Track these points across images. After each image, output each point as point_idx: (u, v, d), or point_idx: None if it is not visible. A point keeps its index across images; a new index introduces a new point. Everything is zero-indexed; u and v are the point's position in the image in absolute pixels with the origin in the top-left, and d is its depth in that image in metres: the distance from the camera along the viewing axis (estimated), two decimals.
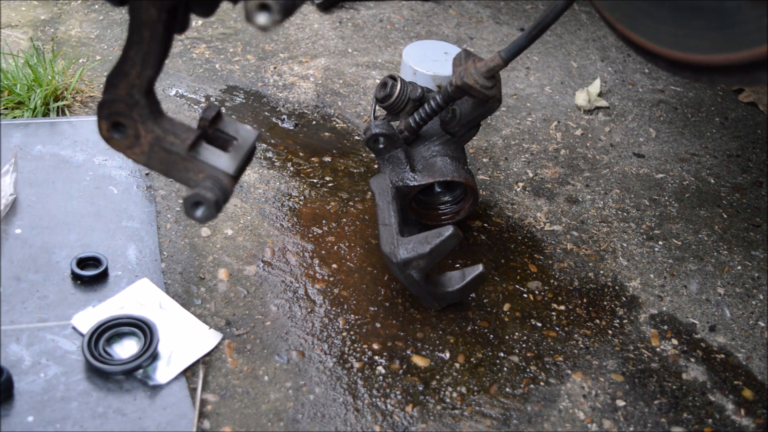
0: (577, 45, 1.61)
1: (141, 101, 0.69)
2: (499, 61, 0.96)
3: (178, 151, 0.71)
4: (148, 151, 0.71)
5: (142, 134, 0.70)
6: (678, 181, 1.28)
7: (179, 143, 0.71)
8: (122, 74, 0.68)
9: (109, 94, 0.69)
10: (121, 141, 0.71)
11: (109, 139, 0.71)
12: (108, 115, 0.69)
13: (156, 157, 0.71)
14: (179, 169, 0.72)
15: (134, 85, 0.68)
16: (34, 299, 0.90)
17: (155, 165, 0.72)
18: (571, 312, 1.02)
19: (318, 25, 1.56)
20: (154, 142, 0.70)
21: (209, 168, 0.72)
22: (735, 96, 1.52)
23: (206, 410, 0.82)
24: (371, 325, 0.95)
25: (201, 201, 0.71)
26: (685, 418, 0.90)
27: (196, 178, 0.72)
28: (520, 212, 1.17)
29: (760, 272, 1.12)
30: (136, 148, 0.71)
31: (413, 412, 0.86)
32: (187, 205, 0.71)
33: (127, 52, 0.67)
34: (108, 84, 0.69)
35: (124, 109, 0.69)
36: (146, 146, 0.70)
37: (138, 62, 0.67)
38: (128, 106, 0.69)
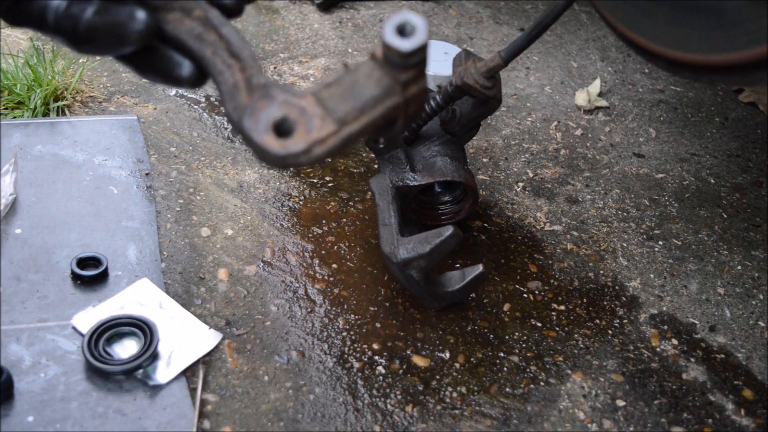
0: (577, 45, 1.61)
1: (267, 79, 0.54)
2: (499, 61, 0.96)
3: (341, 72, 0.53)
4: (325, 108, 0.51)
5: (302, 102, 0.51)
6: (678, 181, 1.28)
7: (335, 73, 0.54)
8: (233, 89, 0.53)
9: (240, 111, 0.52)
10: (299, 133, 0.50)
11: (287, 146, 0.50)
12: (266, 124, 0.51)
13: (336, 101, 0.51)
14: (362, 84, 0.52)
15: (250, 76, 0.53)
16: (34, 299, 0.90)
17: (346, 110, 0.51)
18: (571, 312, 1.02)
19: (318, 25, 1.56)
20: (318, 93, 0.52)
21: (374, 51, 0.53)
22: (735, 96, 1.52)
23: (206, 410, 0.82)
24: (371, 325, 0.95)
25: (402, 21, 0.50)
26: (685, 418, 0.90)
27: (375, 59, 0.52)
28: (520, 212, 1.17)
29: (760, 272, 1.12)
30: (314, 122, 0.50)
31: (413, 412, 0.86)
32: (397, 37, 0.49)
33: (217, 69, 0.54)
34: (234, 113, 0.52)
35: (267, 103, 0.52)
36: (318, 108, 0.51)
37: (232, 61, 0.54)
38: (266, 97, 0.52)
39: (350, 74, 0.52)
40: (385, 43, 0.50)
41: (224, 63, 0.54)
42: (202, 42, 0.55)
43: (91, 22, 0.51)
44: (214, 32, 0.55)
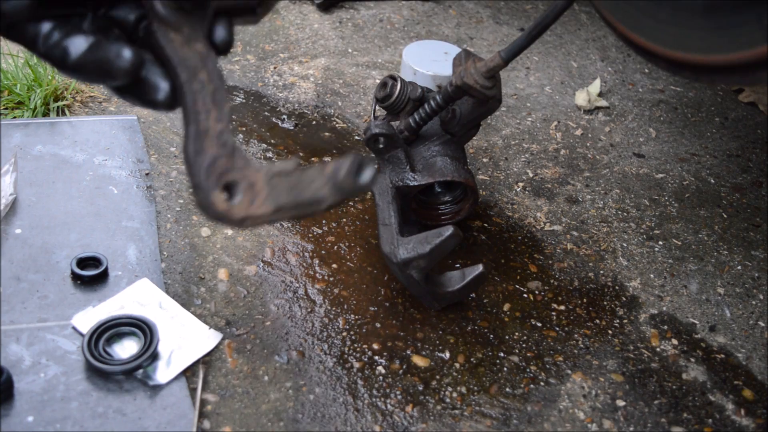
0: (577, 45, 1.61)
1: (234, 142, 0.59)
2: (499, 61, 0.96)
3: (295, 168, 0.61)
4: (270, 191, 0.59)
5: (254, 178, 0.58)
6: (678, 181, 1.28)
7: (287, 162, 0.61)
8: (202, 134, 0.58)
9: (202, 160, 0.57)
10: (242, 202, 0.58)
11: (229, 212, 0.58)
12: (217, 181, 0.57)
13: (280, 189, 0.60)
14: (306, 185, 0.61)
15: (222, 132, 0.58)
16: (34, 299, 0.90)
17: (283, 200, 0.60)
18: (571, 312, 1.02)
19: (318, 25, 1.56)
20: (269, 177, 0.59)
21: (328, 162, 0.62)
22: (735, 96, 1.52)
23: (206, 410, 0.82)
24: (371, 325, 0.95)
25: (362, 163, 0.59)
26: (685, 418, 0.90)
27: (327, 174, 0.61)
28: (520, 212, 1.17)
29: (760, 272, 1.12)
30: (257, 199, 0.58)
31: (413, 412, 0.86)
32: (353, 177, 0.59)
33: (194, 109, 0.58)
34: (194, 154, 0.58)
35: (227, 163, 0.58)
36: (265, 188, 0.59)
37: (211, 107, 0.58)
38: (228, 157, 0.58)
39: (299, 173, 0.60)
40: (337, 176, 0.59)
41: (204, 106, 0.58)
42: (192, 76, 0.58)
43: (80, 57, 0.54)
44: (206, 72, 0.58)
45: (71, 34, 0.54)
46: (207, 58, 0.58)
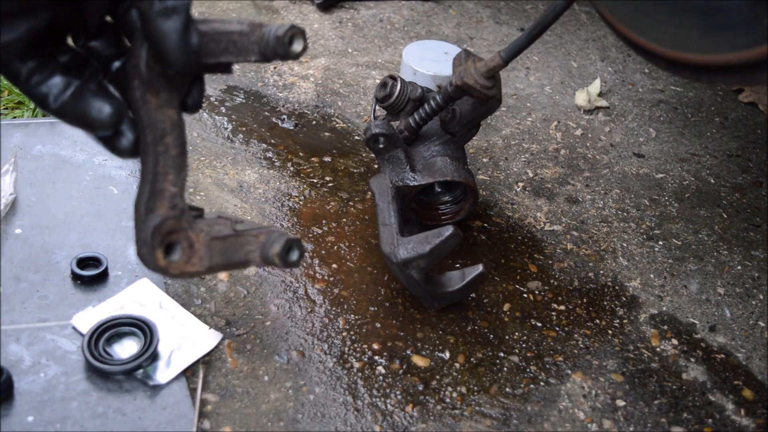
0: (577, 45, 1.61)
1: (185, 206, 0.63)
2: (499, 61, 0.96)
3: (231, 234, 0.67)
4: (206, 252, 0.65)
5: (194, 239, 0.64)
6: (678, 181, 1.28)
7: (225, 227, 0.67)
8: (156, 194, 0.61)
9: (150, 220, 0.61)
10: (179, 260, 0.64)
11: (167, 268, 0.63)
12: (161, 241, 0.62)
13: (215, 251, 0.66)
14: (238, 249, 0.68)
15: (175, 195, 0.62)
16: (34, 299, 0.90)
17: (216, 261, 0.66)
18: (571, 312, 1.02)
19: (318, 25, 1.56)
20: (208, 240, 0.65)
21: (262, 228, 0.69)
22: (735, 96, 1.52)
23: (206, 410, 0.82)
24: (371, 325, 0.95)
25: (292, 244, 0.68)
26: (685, 418, 0.90)
27: (260, 242, 0.69)
28: (520, 212, 1.17)
29: (760, 272, 1.12)
30: (193, 258, 0.64)
31: (413, 412, 0.86)
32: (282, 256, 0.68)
33: (153, 170, 0.61)
34: (145, 211, 0.61)
35: (174, 224, 0.63)
36: (203, 249, 0.64)
37: (170, 170, 0.61)
38: (176, 219, 0.62)
39: (234, 238, 0.68)
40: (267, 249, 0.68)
41: (164, 168, 0.62)
42: (158, 139, 0.61)
43: (60, 106, 0.56)
44: (173, 138, 0.61)
45: (52, 76, 0.56)
46: (177, 124, 0.61)
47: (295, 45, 0.58)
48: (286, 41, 0.57)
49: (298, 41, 0.58)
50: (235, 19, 0.60)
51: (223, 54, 0.59)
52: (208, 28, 0.58)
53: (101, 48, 0.59)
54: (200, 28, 0.58)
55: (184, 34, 0.55)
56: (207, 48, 0.58)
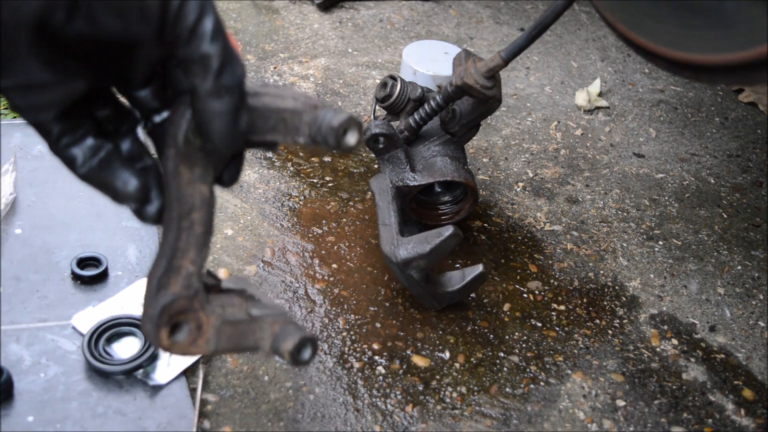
0: (577, 45, 1.61)
1: (200, 288, 0.60)
2: (499, 61, 0.96)
3: (244, 319, 0.63)
4: (214, 335, 0.61)
5: (204, 322, 0.60)
6: (678, 181, 1.28)
7: (239, 310, 0.63)
8: (173, 270, 0.58)
9: (162, 297, 0.58)
10: (184, 342, 0.60)
11: (169, 348, 0.60)
12: (168, 320, 0.59)
13: (224, 335, 0.62)
14: (249, 335, 0.64)
15: (191, 275, 0.59)
16: (34, 299, 0.90)
17: (223, 345, 0.63)
18: (571, 312, 1.02)
19: (318, 25, 1.56)
20: (219, 324, 0.62)
21: (278, 316, 0.65)
22: (735, 96, 1.52)
23: (206, 410, 0.82)
24: (371, 325, 0.95)
25: (305, 343, 0.64)
26: (685, 418, 0.90)
27: (273, 332, 0.65)
28: (520, 212, 1.17)
29: (760, 272, 1.12)
30: (199, 340, 0.61)
31: (413, 412, 0.86)
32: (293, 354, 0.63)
33: (174, 245, 0.58)
34: (157, 287, 0.58)
35: (185, 305, 0.59)
36: (211, 332, 0.61)
37: (192, 248, 0.58)
38: (188, 300, 0.59)
39: (247, 324, 0.64)
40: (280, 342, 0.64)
41: (185, 245, 0.58)
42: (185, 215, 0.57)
43: (88, 172, 0.54)
44: (200, 215, 0.58)
45: (83, 139, 0.53)
46: (207, 202, 0.57)
47: (348, 137, 0.54)
48: (341, 133, 0.53)
49: (353, 134, 0.54)
50: (290, 93, 0.55)
51: (271, 132, 0.55)
52: (259, 104, 0.54)
53: (145, 100, 0.55)
54: (251, 103, 0.54)
55: (234, 117, 0.51)
56: (255, 125, 0.54)
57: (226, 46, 0.49)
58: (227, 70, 0.49)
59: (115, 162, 0.54)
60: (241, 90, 0.51)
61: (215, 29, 0.48)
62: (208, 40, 0.48)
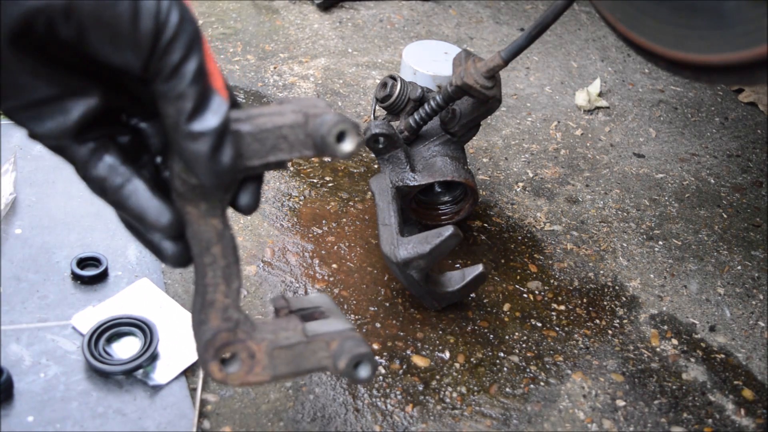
0: (577, 45, 1.61)
1: (240, 317, 0.60)
2: (499, 61, 0.96)
3: (299, 341, 0.62)
4: (269, 361, 0.61)
5: (255, 349, 0.60)
6: (678, 181, 1.28)
7: (294, 333, 0.63)
8: (208, 306, 0.58)
9: (203, 333, 0.58)
10: (238, 372, 0.60)
11: (225, 380, 0.60)
12: (215, 354, 0.59)
13: (280, 361, 0.62)
14: (308, 356, 0.63)
15: (228, 307, 0.59)
16: (34, 299, 0.90)
17: (282, 370, 0.62)
18: (571, 312, 1.02)
19: (318, 25, 1.56)
20: (271, 350, 0.61)
21: (336, 334, 0.64)
22: (735, 96, 1.52)
23: (206, 410, 0.82)
24: (371, 325, 0.95)
25: (361, 359, 0.63)
26: (685, 418, 0.90)
27: (332, 350, 0.64)
28: (520, 212, 1.17)
29: (760, 272, 1.12)
30: (255, 368, 0.61)
31: (413, 412, 0.86)
32: (348, 373, 0.63)
33: (203, 281, 0.58)
34: (198, 323, 0.59)
35: (228, 337, 0.59)
36: (265, 359, 0.61)
37: (220, 281, 0.58)
38: (230, 332, 0.59)
39: (303, 346, 0.63)
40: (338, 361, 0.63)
41: (213, 279, 0.58)
42: (204, 250, 0.56)
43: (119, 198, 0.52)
44: (220, 247, 0.57)
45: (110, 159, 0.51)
46: (222, 234, 0.57)
47: (345, 143, 0.52)
48: (334, 139, 0.51)
49: (350, 139, 0.52)
50: (290, 107, 0.53)
51: (273, 152, 0.53)
52: (250, 128, 0.52)
53: (149, 132, 0.55)
54: (241, 129, 0.51)
55: (212, 156, 0.49)
56: (250, 150, 0.52)
57: (204, 89, 0.48)
58: (200, 115, 0.48)
59: (146, 191, 0.53)
60: (218, 133, 0.49)
61: (198, 71, 0.47)
62: (187, 81, 0.47)
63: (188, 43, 0.47)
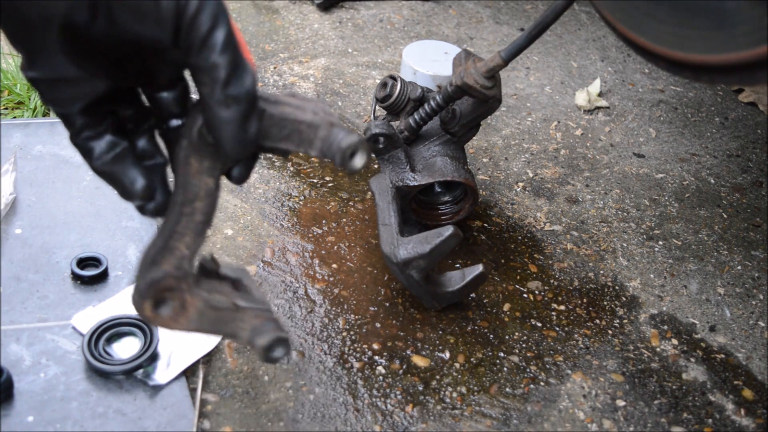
0: (577, 45, 1.61)
1: (190, 271, 0.63)
2: (499, 61, 0.96)
3: (228, 307, 0.66)
4: (197, 318, 0.65)
5: (188, 302, 0.63)
6: (678, 181, 1.28)
7: (225, 298, 0.66)
8: (167, 250, 0.61)
9: (152, 272, 0.61)
10: (166, 317, 0.63)
11: (152, 319, 0.63)
12: (153, 294, 0.62)
13: (205, 319, 0.65)
14: (229, 322, 0.67)
15: (184, 257, 0.62)
16: (34, 299, 0.90)
17: (202, 327, 0.66)
18: (571, 312, 1.02)
19: (318, 25, 1.56)
20: (203, 307, 0.65)
21: (262, 312, 0.68)
22: (735, 96, 1.52)
23: (206, 410, 0.82)
24: (371, 325, 0.95)
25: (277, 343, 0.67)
26: (685, 418, 0.90)
27: (252, 325, 0.68)
28: (520, 212, 1.17)
29: (760, 272, 1.12)
30: (181, 318, 0.64)
31: (413, 412, 0.86)
32: (264, 351, 0.67)
33: (173, 227, 0.60)
34: (149, 262, 0.61)
35: (173, 284, 0.62)
36: (194, 313, 0.64)
37: (189, 234, 0.61)
38: (177, 279, 0.62)
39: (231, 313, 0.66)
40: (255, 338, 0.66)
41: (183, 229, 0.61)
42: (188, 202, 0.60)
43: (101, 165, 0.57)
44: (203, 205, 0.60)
45: (102, 135, 0.56)
46: (211, 194, 0.60)
47: (356, 160, 0.57)
48: (348, 155, 0.56)
49: (361, 157, 0.57)
50: (311, 107, 0.57)
51: (284, 141, 0.57)
52: (276, 112, 0.56)
53: (166, 102, 0.58)
54: (268, 110, 0.56)
55: (241, 126, 0.53)
56: (268, 132, 0.57)
57: (236, 57, 0.51)
58: (234, 80, 0.52)
59: (127, 160, 0.57)
60: (250, 99, 0.53)
61: (226, 40, 0.50)
62: (218, 50, 0.50)
63: (213, 15, 0.50)
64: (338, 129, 0.56)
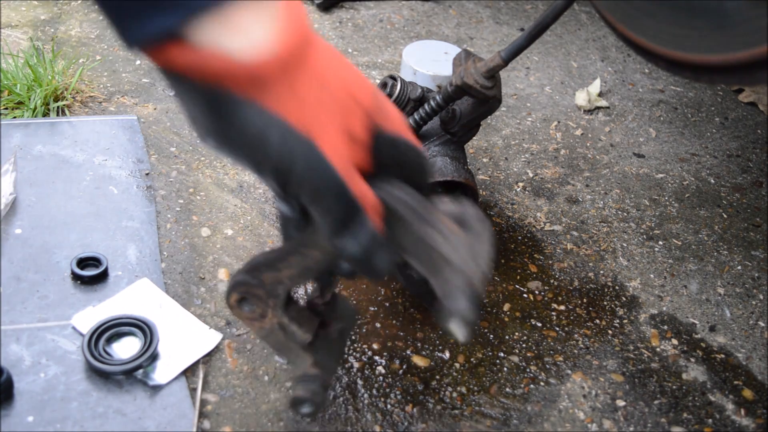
0: (577, 45, 1.61)
1: (282, 296, 0.69)
2: (499, 61, 0.96)
3: (298, 342, 0.73)
4: (269, 331, 0.72)
5: (268, 316, 0.70)
6: (678, 181, 1.28)
7: (301, 335, 0.72)
8: (272, 268, 0.68)
9: (252, 276, 0.68)
10: (246, 313, 0.71)
11: (234, 307, 0.70)
12: (243, 293, 0.69)
13: (274, 338, 0.72)
14: (293, 355, 0.74)
15: (281, 283, 0.68)
16: (34, 299, 0.90)
17: (270, 342, 0.73)
18: (571, 312, 1.02)
19: (318, 25, 1.56)
20: (277, 327, 0.71)
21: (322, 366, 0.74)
22: (735, 96, 1.52)
23: (206, 410, 0.82)
24: (371, 325, 0.95)
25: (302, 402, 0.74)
26: (685, 418, 0.90)
27: (306, 370, 0.74)
28: (520, 212, 1.17)
29: (760, 272, 1.12)
30: (256, 323, 0.71)
31: (413, 411, 0.86)
32: (294, 405, 0.75)
33: (287, 256, 0.67)
34: (253, 265, 0.68)
35: (262, 295, 0.69)
36: (268, 326, 0.71)
37: (295, 271, 0.67)
38: (267, 295, 0.69)
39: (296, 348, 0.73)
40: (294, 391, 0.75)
41: (296, 264, 0.67)
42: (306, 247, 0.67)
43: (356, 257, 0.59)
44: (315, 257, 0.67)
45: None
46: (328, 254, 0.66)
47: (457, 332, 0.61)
48: (455, 322, 0.60)
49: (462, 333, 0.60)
50: (461, 242, 0.61)
51: (412, 258, 0.62)
52: (417, 230, 0.61)
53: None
54: (410, 227, 0.61)
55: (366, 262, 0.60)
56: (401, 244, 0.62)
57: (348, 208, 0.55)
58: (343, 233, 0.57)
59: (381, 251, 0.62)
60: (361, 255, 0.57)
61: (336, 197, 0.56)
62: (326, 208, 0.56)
63: (314, 190, 0.54)
64: (460, 292, 0.58)
